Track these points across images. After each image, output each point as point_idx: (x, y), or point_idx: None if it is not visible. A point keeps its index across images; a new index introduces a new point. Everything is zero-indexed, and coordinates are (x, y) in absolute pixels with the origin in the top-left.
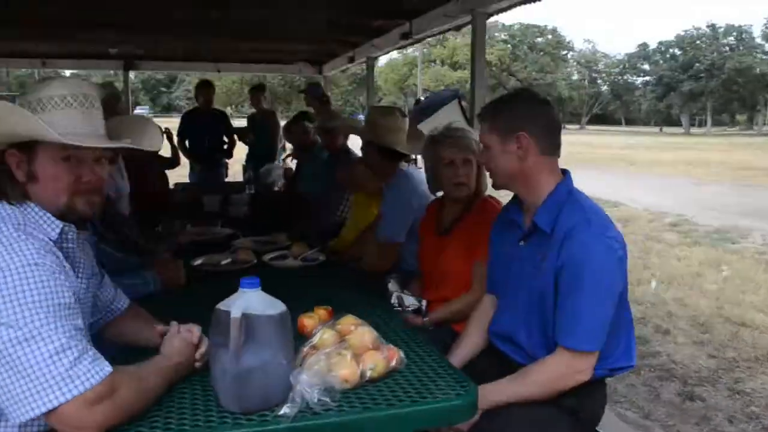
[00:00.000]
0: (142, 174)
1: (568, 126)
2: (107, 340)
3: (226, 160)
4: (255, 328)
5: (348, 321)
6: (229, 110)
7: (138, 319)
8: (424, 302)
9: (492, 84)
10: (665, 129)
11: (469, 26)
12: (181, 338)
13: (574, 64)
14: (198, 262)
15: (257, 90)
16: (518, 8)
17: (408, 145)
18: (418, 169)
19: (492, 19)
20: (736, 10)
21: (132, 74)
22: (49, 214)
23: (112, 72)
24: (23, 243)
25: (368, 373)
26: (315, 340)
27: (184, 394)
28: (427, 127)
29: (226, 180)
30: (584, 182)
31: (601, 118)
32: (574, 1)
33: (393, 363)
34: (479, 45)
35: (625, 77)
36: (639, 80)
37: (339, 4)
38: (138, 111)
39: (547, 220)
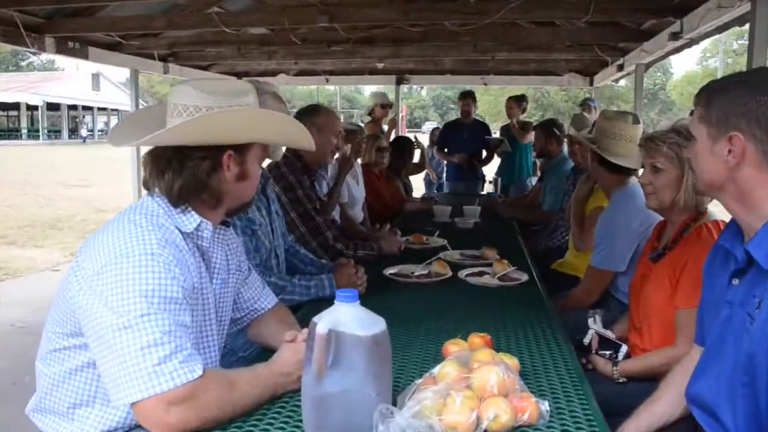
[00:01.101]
0: (378, 181)
1: None
2: (251, 339)
3: (484, 172)
4: (343, 349)
5: (482, 356)
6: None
7: (280, 323)
8: (624, 348)
9: None
10: None
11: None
12: (292, 349)
13: None
14: (391, 271)
15: (511, 100)
16: None
17: (635, 158)
18: None
19: None
20: None
21: (423, 91)
22: (190, 209)
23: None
24: (147, 232)
25: (485, 424)
26: (436, 371)
27: (280, 410)
28: None
29: (482, 192)
30: None
31: None
32: None
33: (524, 417)
34: (759, 40)
35: None
36: None
37: (598, 7)
38: (427, 125)
39: (766, 252)
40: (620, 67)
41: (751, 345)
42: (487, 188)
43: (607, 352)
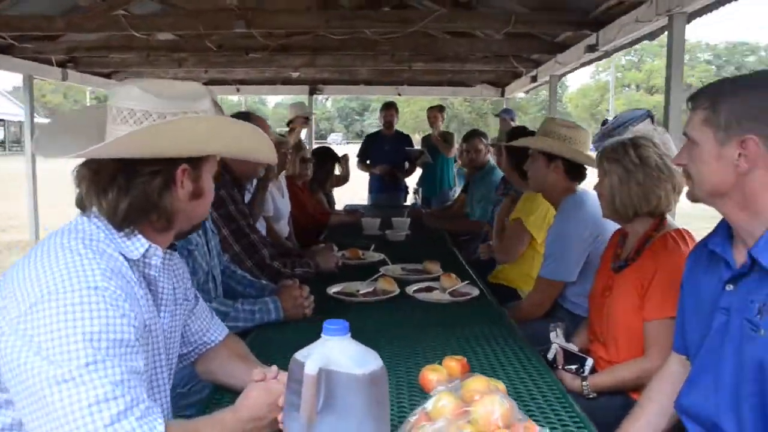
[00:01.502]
0: (302, 194)
1: None
2: (200, 376)
3: (407, 184)
4: (335, 390)
5: (476, 384)
6: (417, 136)
7: (234, 357)
8: (589, 361)
9: None
10: None
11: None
12: (264, 389)
13: None
14: (334, 290)
15: (434, 110)
16: (722, 12)
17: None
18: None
19: (693, 39)
20: None
21: (329, 103)
22: (136, 232)
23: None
24: (87, 261)
25: None
26: (429, 406)
27: None
28: None
29: (405, 204)
30: None
31: None
32: None
33: None
34: (677, 53)
35: None
36: None
37: (519, 19)
38: (332, 137)
39: None
40: (533, 78)
41: (757, 352)
42: (410, 199)
43: (573, 367)
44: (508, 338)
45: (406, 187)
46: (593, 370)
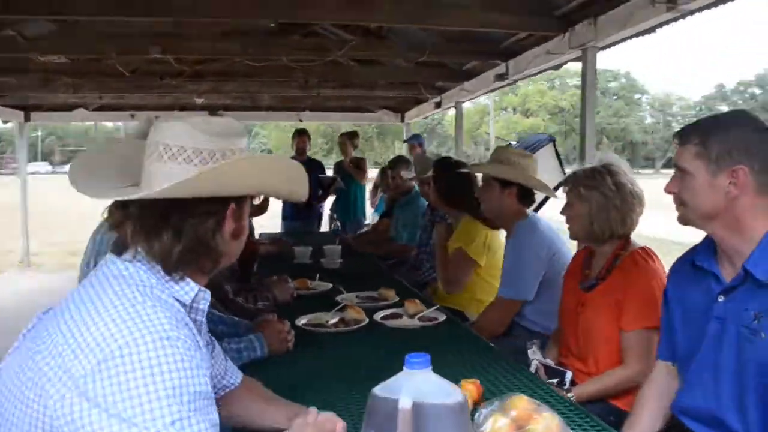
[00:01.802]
0: None
1: (641, 171)
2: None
3: (321, 211)
4: (427, 422)
5: (521, 404)
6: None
7: (257, 399)
8: (569, 374)
9: (565, 129)
10: None
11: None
12: (312, 428)
13: (648, 107)
14: (303, 321)
15: (347, 136)
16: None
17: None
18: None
19: (564, 67)
20: None
21: None
22: (184, 275)
23: None
24: (152, 310)
25: None
26: (486, 429)
27: None
28: None
29: (321, 230)
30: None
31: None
32: (649, 44)
33: None
34: (590, 82)
35: None
36: None
37: (434, 49)
38: None
39: (763, 268)
40: (438, 104)
41: (759, 354)
42: (325, 226)
43: (555, 380)
44: (493, 358)
45: (320, 214)
46: (573, 383)
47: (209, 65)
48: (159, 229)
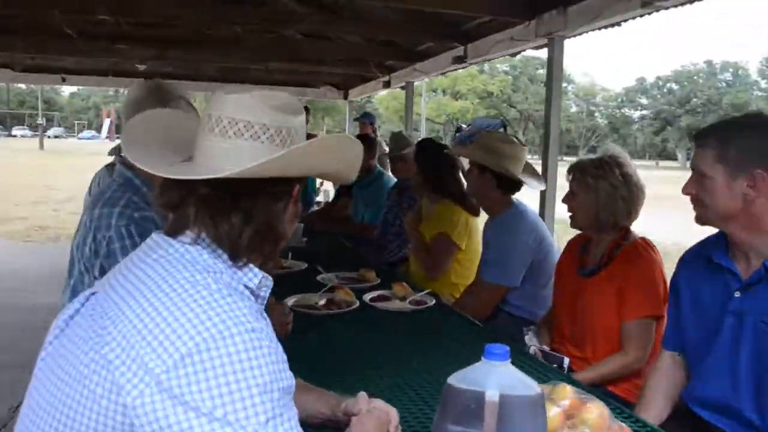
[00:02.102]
0: None
1: (565, 158)
2: None
3: None
4: (510, 414)
5: (567, 392)
6: None
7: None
8: (566, 360)
9: (493, 114)
10: (661, 163)
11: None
12: (377, 419)
13: (573, 96)
14: (291, 302)
15: None
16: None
17: (531, 179)
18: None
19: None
20: (732, 48)
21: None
22: (249, 262)
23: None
24: (232, 299)
25: None
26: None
27: None
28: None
29: None
30: None
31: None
32: (580, 39)
33: None
34: (557, 70)
35: (623, 111)
36: (636, 114)
37: (393, 27)
38: None
39: None
40: (387, 84)
41: None
42: None
43: (553, 365)
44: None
45: None
46: (570, 369)
47: (156, 30)
48: (228, 210)
